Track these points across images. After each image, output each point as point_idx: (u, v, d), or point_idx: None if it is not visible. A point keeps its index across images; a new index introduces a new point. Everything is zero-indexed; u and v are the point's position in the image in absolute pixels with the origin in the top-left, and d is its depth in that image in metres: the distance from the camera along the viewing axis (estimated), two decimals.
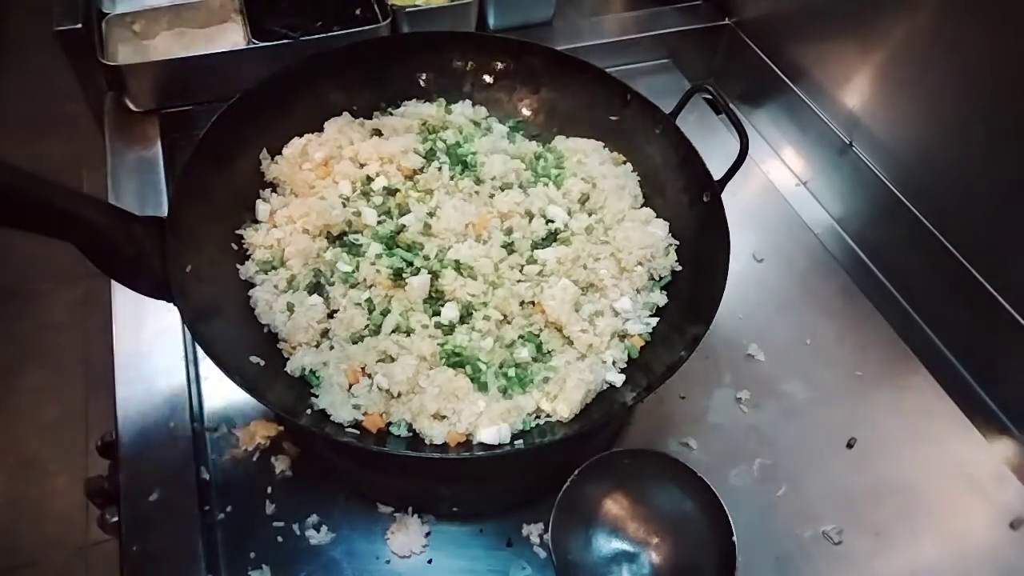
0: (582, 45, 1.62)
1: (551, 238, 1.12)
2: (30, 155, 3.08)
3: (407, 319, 0.99)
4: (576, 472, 0.93)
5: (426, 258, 1.05)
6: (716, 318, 0.93)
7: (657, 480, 0.96)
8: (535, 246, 1.10)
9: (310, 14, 1.53)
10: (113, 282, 0.98)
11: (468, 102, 1.29)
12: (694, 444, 1.11)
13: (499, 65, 1.28)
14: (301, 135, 1.18)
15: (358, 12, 1.55)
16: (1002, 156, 1.11)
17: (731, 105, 1.11)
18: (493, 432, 0.90)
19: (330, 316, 1.02)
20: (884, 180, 1.33)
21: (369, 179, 1.16)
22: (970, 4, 1.11)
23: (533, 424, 0.95)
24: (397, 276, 1.03)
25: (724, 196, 1.07)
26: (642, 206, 1.19)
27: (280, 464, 1.04)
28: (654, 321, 1.05)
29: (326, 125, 1.20)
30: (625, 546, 0.92)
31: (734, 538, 0.88)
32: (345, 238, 1.09)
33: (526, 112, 1.30)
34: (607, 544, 0.92)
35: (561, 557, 0.89)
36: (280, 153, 1.17)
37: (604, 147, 1.24)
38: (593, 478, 0.94)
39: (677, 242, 1.12)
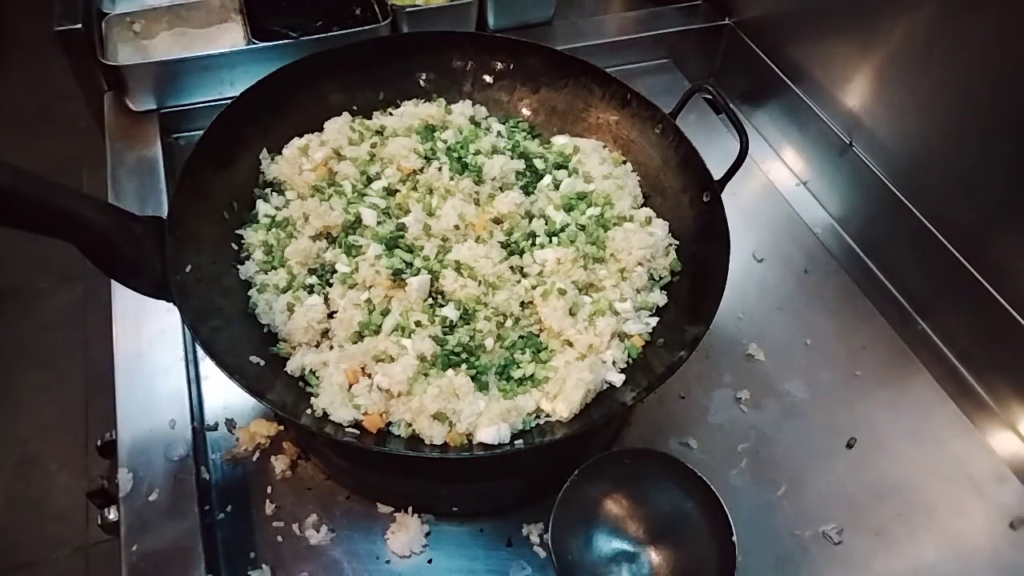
0: (582, 45, 1.63)
1: (551, 238, 1.11)
2: (30, 155, 3.09)
3: (407, 319, 0.99)
4: (576, 472, 0.93)
5: (426, 259, 1.05)
6: (716, 318, 0.93)
7: (657, 480, 0.96)
8: (535, 247, 1.10)
9: (310, 14, 1.53)
10: (113, 282, 0.98)
11: (468, 102, 1.29)
12: (694, 444, 1.11)
13: (499, 65, 1.28)
14: (301, 135, 1.18)
15: (358, 12, 1.55)
16: (1002, 156, 1.11)
17: (731, 105, 1.11)
18: (493, 432, 0.90)
19: (330, 316, 1.02)
20: (884, 180, 1.33)
21: (369, 179, 1.16)
22: (970, 4, 1.11)
23: (533, 424, 0.95)
24: (397, 277, 1.03)
25: (724, 196, 1.07)
26: (642, 206, 1.19)
27: (280, 464, 1.04)
28: (654, 321, 1.05)
29: (326, 125, 1.20)
30: (625, 546, 0.92)
31: (734, 538, 0.88)
32: (345, 239, 1.08)
33: (526, 112, 1.30)
34: (607, 544, 0.92)
35: (561, 557, 0.89)
36: (280, 153, 1.17)
37: (604, 147, 1.24)
38: (593, 478, 0.94)
39: (677, 242, 1.12)
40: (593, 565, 0.91)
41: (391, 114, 1.26)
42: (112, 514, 0.97)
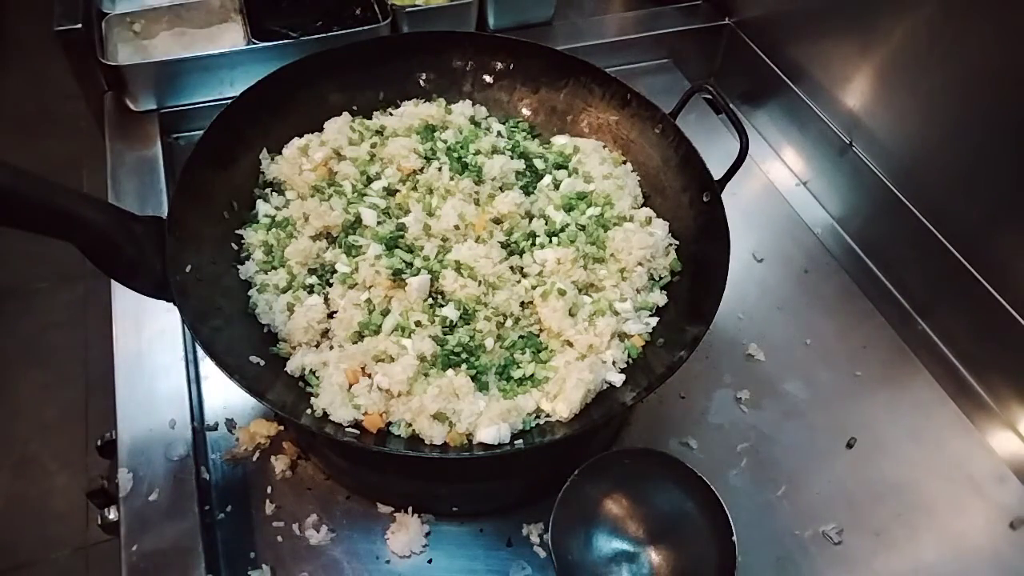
0: (582, 45, 1.63)
1: (551, 238, 1.11)
2: (30, 155, 3.09)
3: (407, 319, 0.99)
4: (576, 472, 0.93)
5: (426, 259, 1.05)
6: (716, 318, 0.93)
7: (657, 480, 0.95)
8: (535, 247, 1.10)
9: (310, 14, 1.53)
10: (113, 282, 0.98)
11: (468, 102, 1.29)
12: (694, 444, 1.11)
13: (499, 65, 1.28)
14: (301, 135, 1.18)
15: (358, 12, 1.55)
16: (1002, 156, 1.11)
17: (731, 105, 1.11)
18: (493, 432, 0.90)
19: (330, 316, 1.02)
20: (884, 180, 1.33)
21: (369, 179, 1.16)
22: (970, 4, 1.11)
23: (533, 424, 0.95)
24: (397, 277, 1.03)
25: (724, 196, 1.07)
26: (642, 206, 1.19)
27: (280, 464, 1.04)
28: (654, 321, 1.05)
29: (326, 125, 1.20)
30: (625, 546, 0.92)
31: (734, 538, 0.88)
32: (345, 239, 1.09)
33: (526, 112, 1.30)
34: (607, 544, 0.92)
35: (561, 557, 0.89)
36: (280, 153, 1.17)
37: (604, 147, 1.24)
38: (593, 478, 0.94)
39: (677, 242, 1.12)
40: (593, 565, 0.91)
41: (391, 114, 1.26)
42: (112, 514, 0.97)
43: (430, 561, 0.98)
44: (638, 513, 0.94)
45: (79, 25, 1.39)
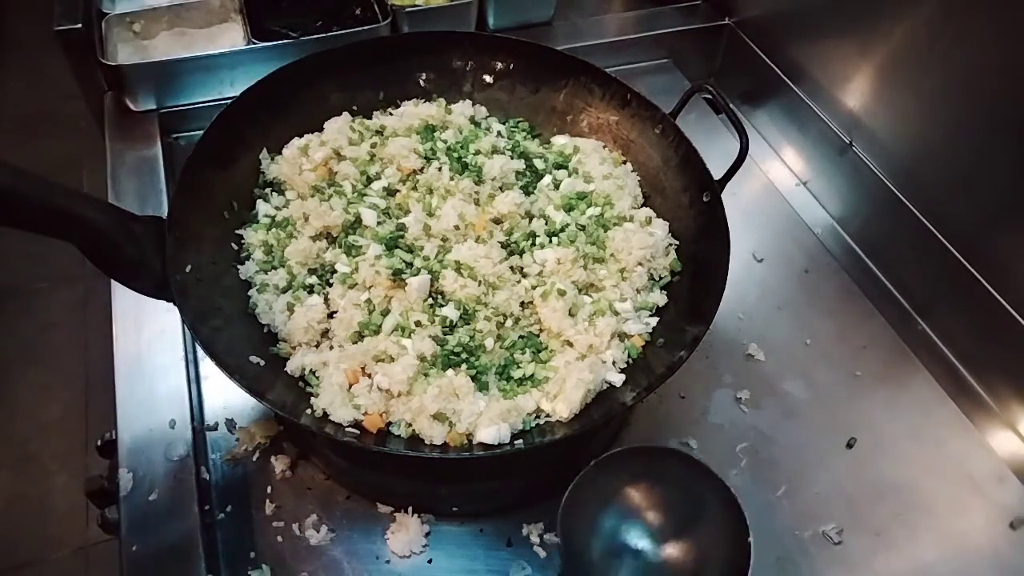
0: (582, 45, 1.63)
1: (551, 238, 1.11)
2: (30, 155, 3.09)
3: (407, 319, 0.99)
4: (592, 463, 0.91)
5: (426, 259, 1.05)
6: (716, 318, 0.93)
7: (675, 479, 0.94)
8: (535, 247, 1.10)
9: (310, 14, 1.53)
10: (113, 282, 0.98)
11: (468, 102, 1.28)
12: (694, 444, 1.11)
13: (499, 65, 1.28)
14: (301, 135, 1.18)
15: (358, 12, 1.55)
16: (1002, 156, 1.11)
17: (731, 105, 1.11)
18: (493, 432, 0.90)
19: (330, 316, 1.02)
20: (884, 180, 1.33)
21: (369, 179, 1.16)
22: (970, 4, 1.11)
23: (533, 424, 0.95)
24: (397, 277, 1.02)
25: (724, 196, 1.07)
26: (642, 206, 1.19)
27: (280, 464, 1.04)
28: (654, 321, 1.05)
29: (326, 125, 1.20)
30: (634, 541, 0.91)
31: (750, 539, 0.87)
32: (345, 239, 1.09)
33: (526, 112, 1.30)
34: (616, 537, 0.91)
35: (569, 547, 0.88)
36: (280, 153, 1.17)
37: (604, 147, 1.24)
38: (607, 472, 0.93)
39: (677, 242, 1.12)
40: (600, 557, 0.90)
41: (391, 114, 1.26)
42: (112, 514, 0.97)
43: (430, 561, 0.98)
44: (652, 508, 0.93)
45: (79, 25, 1.39)
